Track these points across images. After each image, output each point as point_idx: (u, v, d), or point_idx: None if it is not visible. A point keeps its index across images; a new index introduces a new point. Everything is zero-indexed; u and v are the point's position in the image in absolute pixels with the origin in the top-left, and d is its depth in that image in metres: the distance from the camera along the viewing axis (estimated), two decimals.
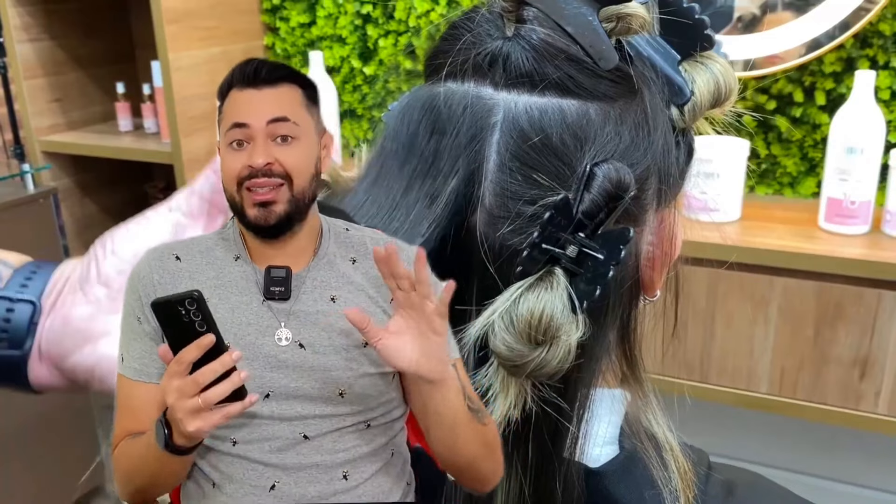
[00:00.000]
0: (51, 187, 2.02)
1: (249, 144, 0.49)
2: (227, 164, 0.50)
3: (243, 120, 0.49)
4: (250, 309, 0.50)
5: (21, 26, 1.92)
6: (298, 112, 0.50)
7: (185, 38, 1.75)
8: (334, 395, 0.49)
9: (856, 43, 1.47)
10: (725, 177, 1.42)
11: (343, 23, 1.88)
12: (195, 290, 0.44)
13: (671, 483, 0.58)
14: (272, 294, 0.50)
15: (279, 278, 0.50)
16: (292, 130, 0.49)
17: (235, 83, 0.50)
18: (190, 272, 0.51)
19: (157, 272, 0.51)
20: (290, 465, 0.49)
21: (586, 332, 0.49)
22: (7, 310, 0.61)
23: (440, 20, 1.76)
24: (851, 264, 1.29)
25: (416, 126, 0.54)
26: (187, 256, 0.52)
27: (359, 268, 0.51)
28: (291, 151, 0.49)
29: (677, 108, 0.57)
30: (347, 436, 0.50)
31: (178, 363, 0.44)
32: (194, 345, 0.44)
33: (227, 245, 0.52)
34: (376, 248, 0.46)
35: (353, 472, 0.50)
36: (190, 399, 0.44)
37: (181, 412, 0.44)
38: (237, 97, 0.50)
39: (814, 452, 1.69)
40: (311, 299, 0.50)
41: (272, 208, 0.49)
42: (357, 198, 0.57)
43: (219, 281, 0.51)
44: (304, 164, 0.50)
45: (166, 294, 0.47)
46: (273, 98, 0.50)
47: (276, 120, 0.49)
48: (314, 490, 0.49)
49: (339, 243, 0.52)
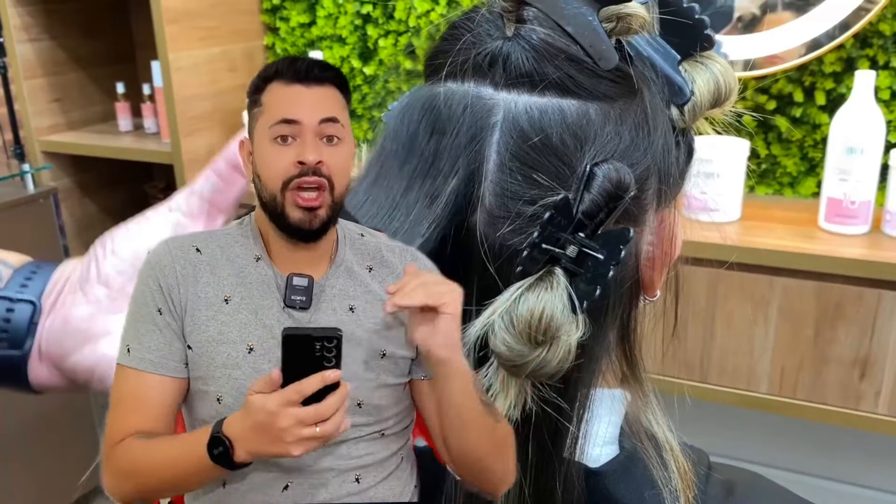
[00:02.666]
0: (51, 187, 2.02)
1: (296, 141, 0.48)
2: (272, 160, 0.48)
3: (295, 116, 0.47)
4: (272, 314, 0.49)
5: (21, 26, 1.92)
6: (343, 115, 0.49)
7: (185, 38, 1.75)
8: (352, 405, 0.49)
9: (856, 43, 1.47)
10: (725, 177, 1.42)
11: (343, 23, 1.88)
12: (338, 330, 0.44)
13: (671, 483, 0.58)
14: (293, 303, 0.49)
15: (301, 287, 0.49)
16: (339, 132, 0.48)
17: (282, 77, 0.49)
18: (211, 266, 0.50)
19: (180, 262, 0.50)
20: (304, 468, 0.49)
21: (586, 332, 0.49)
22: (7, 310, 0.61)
23: (440, 20, 1.76)
24: (851, 264, 1.29)
25: (416, 126, 0.54)
26: (207, 249, 0.51)
27: (375, 276, 0.51)
28: (337, 153, 0.48)
29: (677, 108, 0.57)
30: (362, 444, 0.50)
31: (298, 393, 0.44)
32: (319, 377, 0.44)
33: (247, 244, 0.51)
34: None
35: (366, 475, 0.50)
36: (307, 428, 0.44)
37: (293, 437, 0.44)
38: (283, 91, 0.48)
39: (814, 452, 1.69)
40: (331, 308, 0.50)
41: (317, 212, 0.48)
42: (357, 198, 0.57)
43: (239, 280, 0.50)
44: (346, 168, 0.49)
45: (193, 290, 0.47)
46: (322, 97, 0.49)
47: (328, 120, 0.48)
48: (326, 493, 0.49)
49: (356, 250, 0.52)
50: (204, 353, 0.49)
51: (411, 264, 0.50)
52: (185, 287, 0.49)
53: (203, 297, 0.49)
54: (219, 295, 0.49)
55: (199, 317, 0.49)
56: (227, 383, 0.48)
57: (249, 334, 0.49)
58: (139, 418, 0.49)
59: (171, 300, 0.49)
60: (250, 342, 0.48)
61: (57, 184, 2.04)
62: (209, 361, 0.48)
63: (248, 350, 0.48)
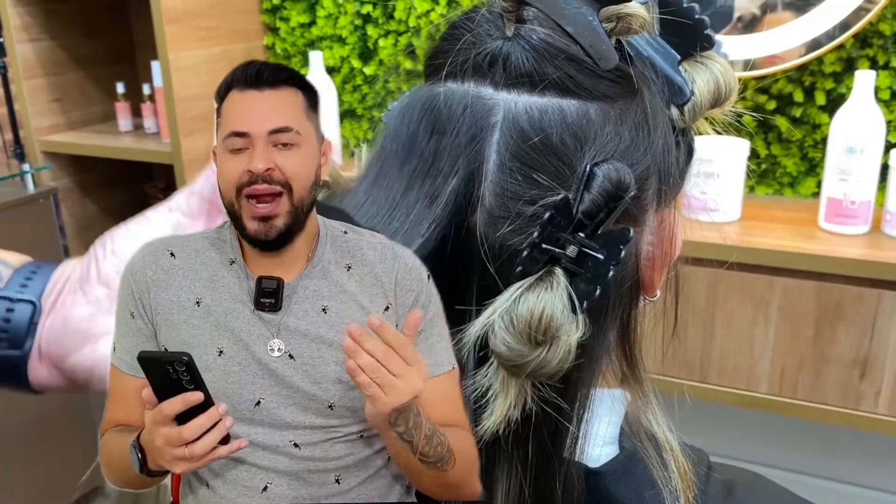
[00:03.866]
0: (51, 187, 2.02)
1: (249, 149, 0.48)
2: (226, 170, 0.48)
3: (244, 129, 0.48)
4: (243, 316, 0.49)
5: (21, 26, 1.92)
6: (299, 119, 0.49)
7: (185, 38, 1.75)
8: (323, 407, 0.49)
9: (856, 43, 1.47)
10: (725, 177, 1.42)
11: (343, 23, 1.88)
12: (185, 355, 0.44)
13: (671, 483, 0.58)
14: (262, 305, 0.49)
15: (269, 290, 0.49)
16: (292, 139, 0.48)
17: (236, 84, 0.49)
18: (184, 270, 0.51)
19: (151, 268, 0.51)
20: (283, 469, 0.49)
21: (586, 332, 0.49)
22: (7, 310, 0.61)
23: (440, 20, 1.76)
24: (851, 264, 1.29)
25: (416, 126, 0.54)
26: (182, 254, 0.51)
27: (353, 275, 0.51)
28: (292, 158, 0.48)
29: (677, 108, 0.57)
30: (338, 445, 0.50)
31: (160, 414, 0.45)
32: (180, 399, 0.44)
33: (223, 247, 0.51)
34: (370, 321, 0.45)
35: (346, 476, 0.50)
36: (178, 448, 0.44)
37: (168, 457, 0.45)
38: (237, 99, 0.49)
39: (814, 452, 1.69)
40: (302, 310, 0.50)
41: (273, 223, 0.48)
42: (357, 198, 0.57)
43: (212, 283, 0.50)
44: (304, 172, 0.49)
45: (164, 289, 0.47)
46: (274, 103, 0.48)
47: (278, 131, 0.48)
48: (306, 492, 0.49)
49: (336, 248, 0.52)
50: None
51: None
52: (155, 292, 0.50)
53: (175, 301, 0.50)
54: (191, 298, 0.50)
55: (172, 320, 0.50)
56: None
57: (219, 337, 0.49)
58: (120, 412, 0.51)
59: (141, 304, 0.51)
60: (220, 345, 0.49)
61: (57, 184, 2.04)
62: None
63: (217, 353, 0.49)
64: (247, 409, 0.49)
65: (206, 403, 0.45)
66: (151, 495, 0.60)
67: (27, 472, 1.97)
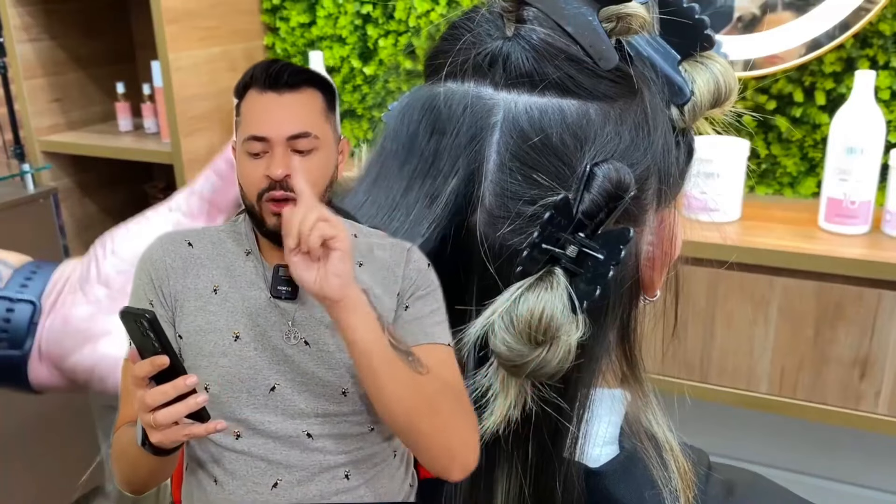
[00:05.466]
0: (51, 187, 2.02)
1: (267, 154, 0.49)
2: (246, 174, 0.50)
3: (263, 133, 0.48)
4: (259, 303, 0.50)
5: (21, 26, 1.92)
6: (318, 122, 0.50)
7: (185, 38, 1.75)
8: (337, 393, 0.49)
9: (856, 43, 1.47)
10: (725, 177, 1.42)
11: (343, 23, 1.88)
12: (148, 311, 0.44)
13: (671, 483, 0.58)
14: (279, 293, 0.50)
15: (287, 278, 0.50)
16: (311, 144, 0.49)
17: (255, 84, 0.49)
18: (201, 259, 0.52)
19: (170, 256, 0.52)
20: (293, 464, 0.49)
21: (586, 332, 0.49)
22: (7, 310, 0.61)
23: (440, 20, 1.76)
24: (851, 264, 1.29)
25: (416, 126, 0.54)
26: (199, 244, 0.52)
27: (365, 270, 0.51)
28: (309, 164, 0.49)
29: (677, 108, 0.57)
30: (350, 438, 0.50)
31: (134, 374, 0.45)
32: (148, 361, 0.44)
33: (239, 239, 0.52)
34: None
35: (355, 472, 0.50)
36: (146, 414, 0.45)
37: (144, 423, 0.45)
38: (256, 100, 0.49)
39: (814, 452, 1.69)
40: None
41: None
42: (357, 198, 0.57)
43: (229, 272, 0.51)
44: (320, 176, 0.50)
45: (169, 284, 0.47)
46: (293, 106, 0.49)
47: (297, 136, 0.49)
48: (315, 489, 0.49)
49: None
50: (192, 342, 0.50)
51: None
52: (174, 279, 0.51)
53: (193, 289, 0.51)
54: (208, 286, 0.51)
55: (189, 307, 0.51)
56: (213, 371, 0.49)
57: (236, 322, 0.50)
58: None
59: (161, 292, 0.51)
60: (236, 330, 0.50)
61: (57, 184, 2.04)
62: (197, 351, 0.50)
63: (234, 338, 0.50)
64: (262, 394, 0.49)
65: (179, 372, 0.45)
66: (151, 496, 0.60)
67: (27, 472, 1.97)
